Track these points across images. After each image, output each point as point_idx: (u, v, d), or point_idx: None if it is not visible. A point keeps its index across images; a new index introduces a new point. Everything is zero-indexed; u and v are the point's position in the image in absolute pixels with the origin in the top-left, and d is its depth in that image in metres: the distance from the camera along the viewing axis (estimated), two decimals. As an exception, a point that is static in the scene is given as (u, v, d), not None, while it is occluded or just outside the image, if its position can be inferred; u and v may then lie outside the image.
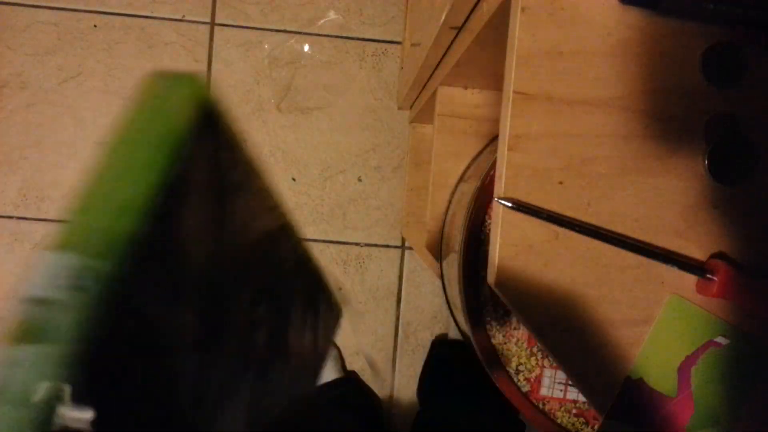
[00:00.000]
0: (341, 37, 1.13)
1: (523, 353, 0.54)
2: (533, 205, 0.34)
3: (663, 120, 0.35)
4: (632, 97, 0.35)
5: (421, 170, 1.03)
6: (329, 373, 1.05)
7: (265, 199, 0.29)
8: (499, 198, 0.34)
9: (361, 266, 1.12)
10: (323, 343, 0.33)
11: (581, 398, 0.53)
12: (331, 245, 1.12)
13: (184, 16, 1.11)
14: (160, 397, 0.20)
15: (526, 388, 0.54)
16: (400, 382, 1.13)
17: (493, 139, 0.71)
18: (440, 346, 1.10)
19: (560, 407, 0.54)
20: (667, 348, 0.35)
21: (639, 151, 0.35)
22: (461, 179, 0.71)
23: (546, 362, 0.54)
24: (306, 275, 0.31)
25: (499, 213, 0.35)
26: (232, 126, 0.25)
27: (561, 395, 0.54)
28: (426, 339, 1.13)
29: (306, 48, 1.12)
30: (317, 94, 1.12)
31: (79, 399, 0.16)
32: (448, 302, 0.70)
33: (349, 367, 1.12)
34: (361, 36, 1.13)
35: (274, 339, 0.28)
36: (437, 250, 0.72)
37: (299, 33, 1.12)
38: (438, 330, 1.14)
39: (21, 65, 1.09)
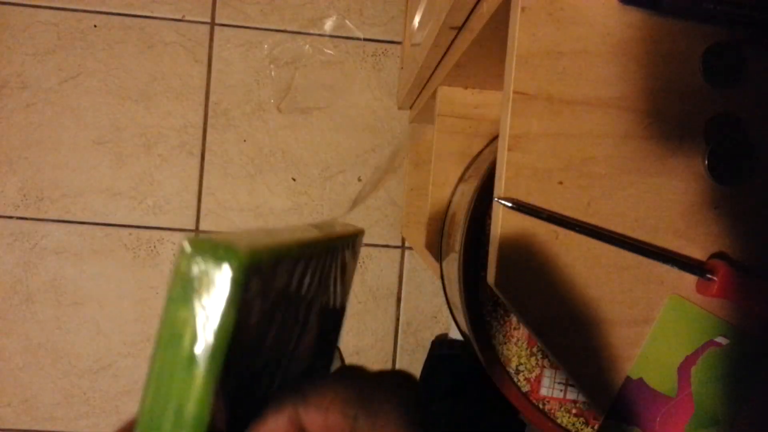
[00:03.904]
0: (341, 37, 1.13)
1: (523, 353, 0.54)
2: (533, 205, 0.34)
3: (663, 120, 0.35)
4: (632, 97, 0.35)
5: (421, 170, 1.03)
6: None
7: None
8: (499, 198, 0.34)
9: (361, 266, 1.12)
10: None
11: (581, 398, 0.53)
12: (331, 245, 1.12)
13: (184, 16, 1.11)
14: None
15: (526, 388, 0.54)
16: (400, 382, 1.13)
17: (493, 139, 0.71)
18: (440, 346, 1.10)
19: (560, 407, 0.53)
20: (667, 348, 0.35)
21: (639, 151, 0.35)
22: (461, 179, 0.71)
23: (546, 362, 0.54)
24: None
25: (499, 213, 0.35)
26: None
27: (561, 395, 0.53)
28: (426, 339, 1.13)
29: (306, 48, 1.12)
30: (317, 94, 1.12)
31: None
32: (448, 302, 0.70)
33: (349, 367, 1.11)
34: (361, 36, 1.13)
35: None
36: (437, 250, 0.72)
37: (299, 33, 1.12)
38: (438, 330, 1.14)
39: (21, 65, 1.09)
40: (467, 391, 0.94)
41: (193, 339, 0.17)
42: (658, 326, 0.35)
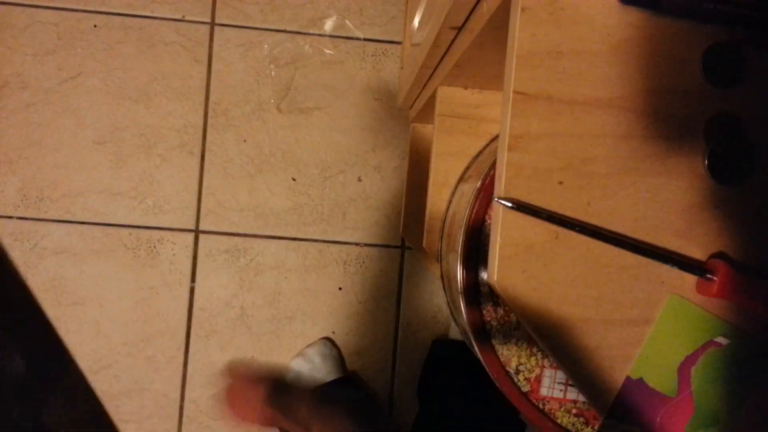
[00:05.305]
0: (341, 37, 1.13)
1: (523, 353, 0.54)
2: (533, 205, 0.34)
3: (663, 120, 0.35)
4: (632, 97, 0.35)
5: (421, 170, 1.03)
6: (329, 374, 1.05)
7: None
8: (499, 198, 0.34)
9: (361, 266, 1.12)
10: None
11: (581, 398, 0.53)
12: (331, 245, 1.12)
13: (184, 16, 1.11)
14: None
15: (526, 388, 0.54)
16: (400, 382, 1.13)
17: (493, 139, 0.71)
18: (440, 346, 1.10)
19: (560, 407, 0.54)
20: (667, 348, 0.35)
21: (639, 151, 0.35)
22: (461, 179, 0.71)
23: (546, 362, 0.54)
24: None
25: (499, 213, 0.35)
26: None
27: (561, 395, 0.54)
28: (426, 339, 1.13)
29: (306, 48, 1.12)
30: (317, 94, 1.12)
31: None
32: (448, 302, 0.70)
33: (349, 367, 1.12)
34: (361, 36, 1.13)
35: None
36: (437, 250, 0.72)
37: (299, 33, 1.12)
38: (438, 330, 1.14)
39: (21, 65, 1.09)
40: (467, 391, 0.94)
41: None
42: (658, 326, 0.35)
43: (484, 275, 0.55)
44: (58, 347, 1.08)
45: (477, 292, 0.55)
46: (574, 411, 0.53)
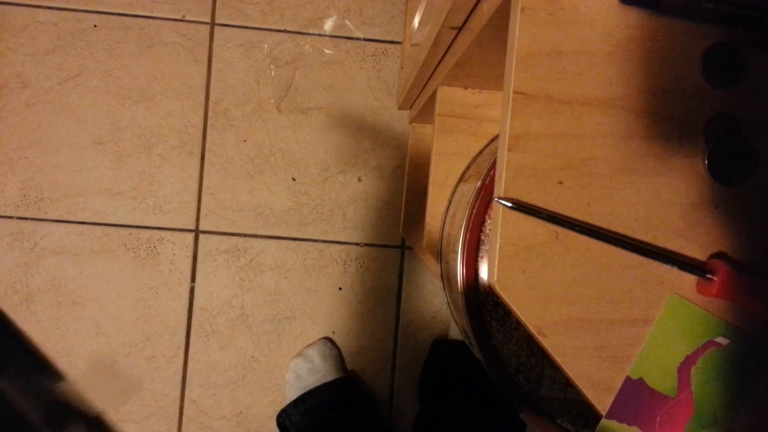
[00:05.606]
0: (341, 37, 1.13)
1: (523, 353, 0.54)
2: (533, 205, 0.34)
3: (663, 120, 0.35)
4: (632, 97, 0.35)
5: (421, 170, 1.04)
6: (329, 373, 1.05)
7: None
8: (499, 198, 0.34)
9: (361, 266, 1.12)
10: None
11: (581, 398, 0.53)
12: (331, 245, 1.12)
13: (184, 16, 1.11)
14: None
15: (526, 388, 0.54)
16: (400, 382, 1.13)
17: (493, 139, 0.71)
18: (440, 346, 1.10)
19: (560, 407, 0.53)
20: (667, 348, 0.35)
21: (639, 151, 0.35)
22: (461, 179, 0.71)
23: (546, 362, 0.54)
24: None
25: (499, 213, 0.35)
26: None
27: (561, 395, 0.53)
28: (426, 339, 1.13)
29: (306, 48, 1.12)
30: (317, 94, 1.12)
31: None
32: (448, 302, 0.70)
33: (349, 367, 1.12)
34: (361, 36, 1.13)
35: None
36: (437, 250, 0.72)
37: (299, 33, 1.12)
38: (438, 330, 1.14)
39: (21, 65, 1.09)
40: (467, 391, 0.94)
41: None
42: (658, 326, 0.35)
43: (484, 275, 0.55)
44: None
45: (477, 292, 0.55)
46: (574, 411, 0.53)
